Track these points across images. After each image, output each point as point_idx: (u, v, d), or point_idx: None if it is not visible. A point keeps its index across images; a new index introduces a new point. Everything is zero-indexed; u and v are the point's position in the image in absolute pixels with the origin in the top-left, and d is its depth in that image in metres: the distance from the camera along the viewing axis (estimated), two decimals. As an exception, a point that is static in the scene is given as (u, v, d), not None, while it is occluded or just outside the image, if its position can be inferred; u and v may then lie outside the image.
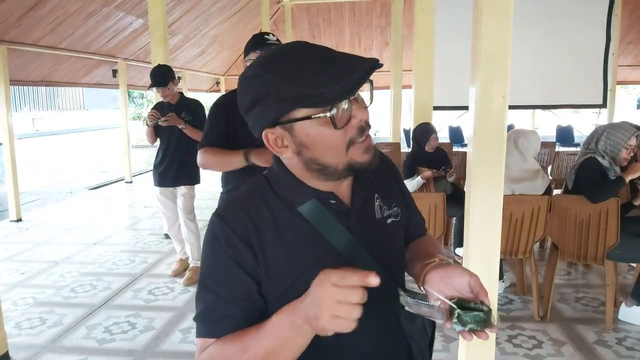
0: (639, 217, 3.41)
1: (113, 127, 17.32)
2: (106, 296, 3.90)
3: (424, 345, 1.03)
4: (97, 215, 6.84)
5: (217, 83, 14.43)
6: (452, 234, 4.68)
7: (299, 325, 0.77)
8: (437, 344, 3.05)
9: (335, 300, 0.71)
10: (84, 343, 3.16)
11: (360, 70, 0.81)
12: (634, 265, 3.95)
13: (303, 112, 0.83)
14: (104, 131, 17.28)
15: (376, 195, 1.01)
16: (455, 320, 0.81)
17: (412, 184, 4.39)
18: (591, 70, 7.10)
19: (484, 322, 0.80)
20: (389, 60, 10.52)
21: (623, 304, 3.31)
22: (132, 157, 9.80)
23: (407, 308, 0.86)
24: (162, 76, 4.05)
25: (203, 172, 4.49)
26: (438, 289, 0.86)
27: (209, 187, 8.63)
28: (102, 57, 8.35)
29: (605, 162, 3.19)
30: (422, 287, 0.91)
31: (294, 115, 0.83)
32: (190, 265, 4.27)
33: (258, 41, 2.15)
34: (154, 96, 5.62)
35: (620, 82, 12.51)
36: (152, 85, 4.09)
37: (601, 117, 8.58)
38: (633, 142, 3.13)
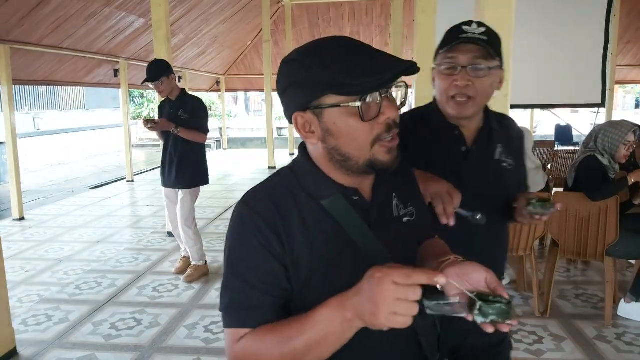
0: (638, 214, 3.46)
1: (113, 126, 17.33)
2: (111, 293, 3.94)
3: (433, 340, 1.04)
4: (100, 214, 6.87)
5: (217, 83, 14.47)
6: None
7: (349, 319, 0.78)
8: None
9: (395, 298, 0.73)
10: (91, 339, 3.20)
11: (395, 68, 0.84)
12: (633, 262, 4.00)
13: (333, 99, 0.85)
14: (104, 130, 17.28)
15: (394, 194, 1.03)
16: (477, 312, 0.82)
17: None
18: (590, 69, 7.13)
19: (506, 314, 0.81)
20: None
21: (622, 300, 3.36)
22: (132, 156, 9.84)
23: (428, 311, 0.86)
24: (155, 71, 3.95)
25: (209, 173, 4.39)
26: (454, 286, 0.86)
27: (209, 187, 8.68)
28: (104, 56, 8.39)
29: (604, 160, 3.23)
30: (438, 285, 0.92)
31: (325, 102, 0.86)
32: (192, 264, 4.29)
33: (449, 36, 1.40)
34: (155, 96, 5.62)
35: (618, 82, 12.57)
36: (144, 81, 4.01)
37: (600, 117, 8.63)
38: (631, 138, 3.17)
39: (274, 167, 10.47)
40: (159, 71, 3.95)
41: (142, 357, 2.98)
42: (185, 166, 4.06)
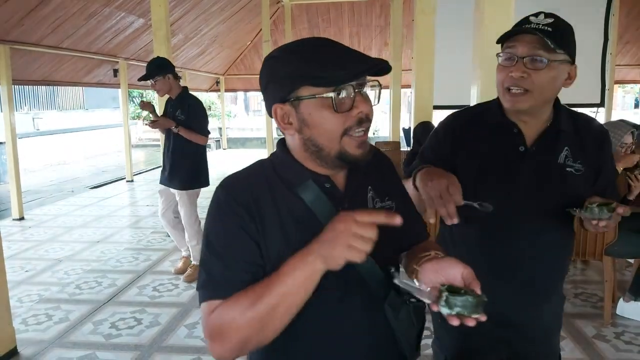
0: (636, 213, 3.46)
1: (113, 126, 17.33)
2: (111, 293, 3.94)
3: (411, 335, 1.04)
4: (99, 214, 6.88)
5: (217, 82, 14.48)
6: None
7: (310, 261, 0.84)
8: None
9: (352, 233, 0.80)
10: (91, 338, 3.20)
11: (367, 63, 0.90)
12: (632, 261, 4.01)
13: (309, 90, 0.91)
14: (104, 130, 17.29)
15: (369, 187, 1.06)
16: (442, 303, 0.81)
17: (412, 182, 4.43)
18: (589, 69, 7.14)
19: (473, 308, 0.80)
20: (388, 60, 10.52)
21: (621, 299, 3.37)
22: (132, 156, 9.84)
23: (396, 281, 0.88)
24: (150, 69, 3.92)
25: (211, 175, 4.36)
26: (430, 280, 0.88)
27: (209, 187, 8.67)
28: (104, 56, 8.39)
29: None
30: (415, 280, 0.93)
31: (302, 93, 0.92)
32: (192, 263, 4.28)
33: (513, 27, 1.35)
34: (155, 97, 5.58)
35: (618, 82, 12.58)
36: (139, 78, 3.98)
37: (599, 116, 8.63)
38: (628, 139, 3.16)
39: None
40: (153, 70, 3.91)
41: (142, 356, 2.98)
42: (180, 167, 4.02)
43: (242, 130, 20.34)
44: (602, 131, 1.44)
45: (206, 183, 4.22)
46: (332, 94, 0.89)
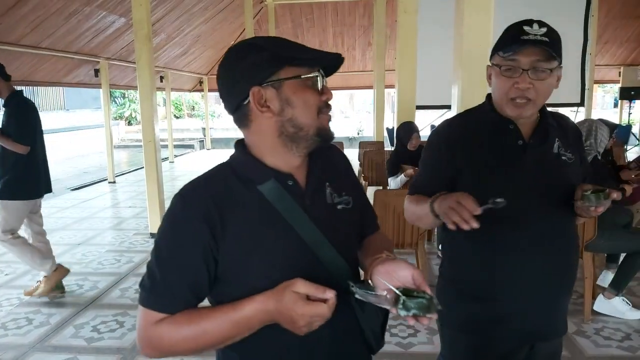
0: (614, 209, 3.52)
1: (94, 127, 17.11)
2: (93, 296, 3.89)
3: (376, 327, 1.10)
4: (81, 216, 6.79)
5: (200, 83, 14.39)
6: (436, 230, 4.76)
7: (266, 320, 0.92)
8: (422, 336, 3.12)
9: (310, 316, 0.87)
10: (73, 342, 3.16)
11: (332, 52, 0.99)
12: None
13: (292, 71, 0.96)
14: (85, 131, 17.07)
15: (327, 183, 1.09)
16: (400, 306, 0.89)
17: (396, 181, 4.47)
18: (569, 69, 7.23)
19: (427, 308, 0.89)
20: (372, 60, 10.60)
21: (601, 295, 3.42)
22: (114, 157, 9.73)
23: (357, 296, 0.95)
24: None
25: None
26: (383, 282, 0.95)
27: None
28: (84, 56, 8.28)
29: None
30: (370, 280, 1.00)
31: (284, 75, 0.96)
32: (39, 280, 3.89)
33: (508, 37, 1.37)
34: (137, 96, 5.51)
35: (597, 81, 12.79)
36: None
37: (579, 116, 8.77)
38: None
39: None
40: None
41: (124, 359, 2.95)
42: (0, 174, 3.65)
43: (226, 130, 20.21)
44: (576, 126, 1.60)
45: (32, 195, 3.76)
46: (317, 74, 0.97)
